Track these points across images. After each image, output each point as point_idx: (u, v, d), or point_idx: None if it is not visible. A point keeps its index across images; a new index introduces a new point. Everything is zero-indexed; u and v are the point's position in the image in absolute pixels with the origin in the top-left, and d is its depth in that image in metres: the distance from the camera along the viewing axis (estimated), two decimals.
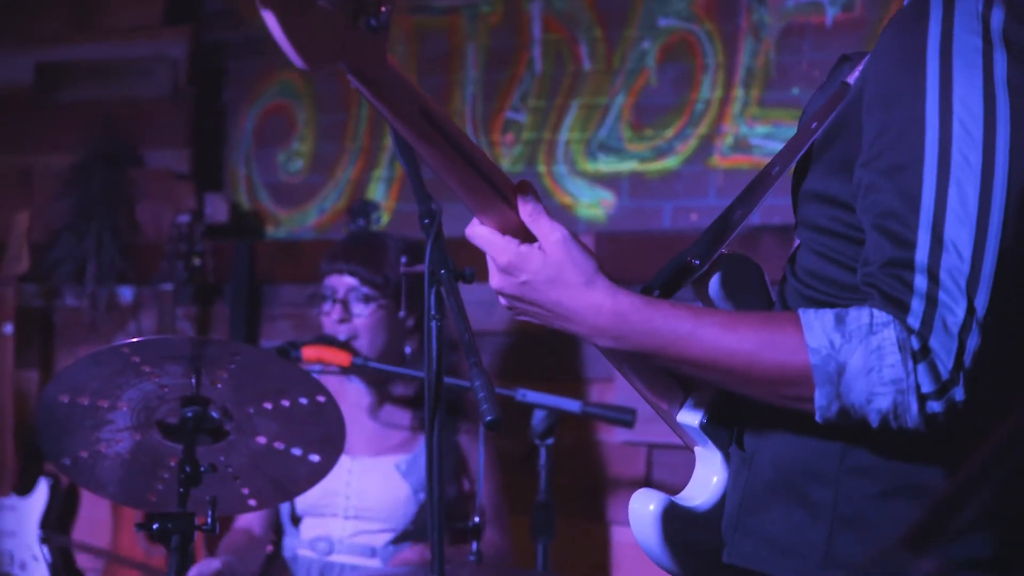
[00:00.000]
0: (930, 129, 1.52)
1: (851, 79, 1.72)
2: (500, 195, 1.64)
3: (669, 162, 4.26)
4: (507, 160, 4.43)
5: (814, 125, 1.70)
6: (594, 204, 4.34)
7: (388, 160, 4.57)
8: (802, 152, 1.71)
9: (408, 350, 3.57)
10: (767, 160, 1.82)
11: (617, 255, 4.13)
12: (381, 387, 3.61)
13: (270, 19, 1.39)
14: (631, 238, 4.21)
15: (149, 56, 4.79)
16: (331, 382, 3.52)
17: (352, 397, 3.59)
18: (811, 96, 1.85)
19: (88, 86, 4.85)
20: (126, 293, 4.72)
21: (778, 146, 4.00)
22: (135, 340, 2.58)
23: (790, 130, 4.09)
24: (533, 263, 1.62)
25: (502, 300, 1.70)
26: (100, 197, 4.67)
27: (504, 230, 1.65)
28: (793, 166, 1.74)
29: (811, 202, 1.69)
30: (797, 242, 1.76)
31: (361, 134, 4.63)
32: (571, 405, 3.32)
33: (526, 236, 1.65)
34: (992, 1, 1.57)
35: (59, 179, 4.72)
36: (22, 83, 4.91)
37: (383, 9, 1.47)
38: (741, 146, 4.17)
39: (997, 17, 1.55)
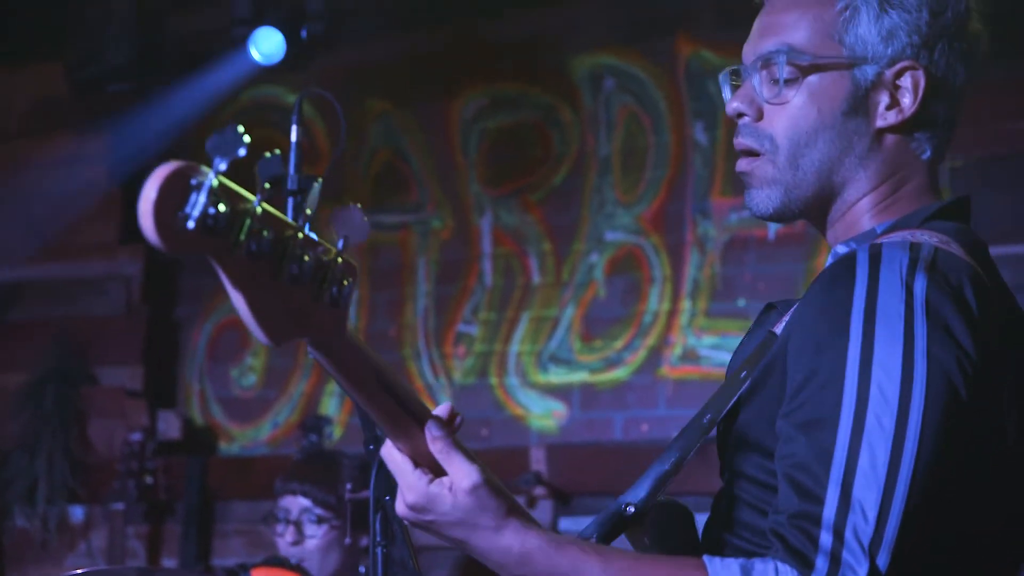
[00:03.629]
0: (848, 389, 1.55)
1: (778, 329, 1.74)
2: (419, 424, 1.64)
3: (619, 373, 4.30)
4: (459, 372, 4.46)
5: (743, 374, 1.72)
6: (546, 415, 4.36)
7: None
8: (733, 401, 1.73)
9: (363, 569, 3.55)
10: (715, 371, 1.85)
11: (570, 467, 4.14)
12: None
13: (239, 300, 1.39)
14: (583, 450, 4.22)
15: (103, 275, 4.83)
16: None
17: None
18: (740, 342, 1.88)
19: (41, 305, 4.87)
20: (77, 512, 4.67)
21: (725, 356, 4.07)
22: (78, 573, 2.55)
23: (736, 340, 4.14)
24: (442, 505, 1.60)
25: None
26: (52, 415, 4.66)
27: (416, 457, 1.64)
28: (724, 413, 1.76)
29: (739, 450, 1.71)
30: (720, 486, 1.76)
31: None
32: None
33: (439, 467, 1.64)
34: (916, 268, 1.60)
35: (11, 398, 4.71)
36: None
37: (345, 283, 1.49)
38: (689, 357, 4.21)
39: (920, 285, 1.58)
